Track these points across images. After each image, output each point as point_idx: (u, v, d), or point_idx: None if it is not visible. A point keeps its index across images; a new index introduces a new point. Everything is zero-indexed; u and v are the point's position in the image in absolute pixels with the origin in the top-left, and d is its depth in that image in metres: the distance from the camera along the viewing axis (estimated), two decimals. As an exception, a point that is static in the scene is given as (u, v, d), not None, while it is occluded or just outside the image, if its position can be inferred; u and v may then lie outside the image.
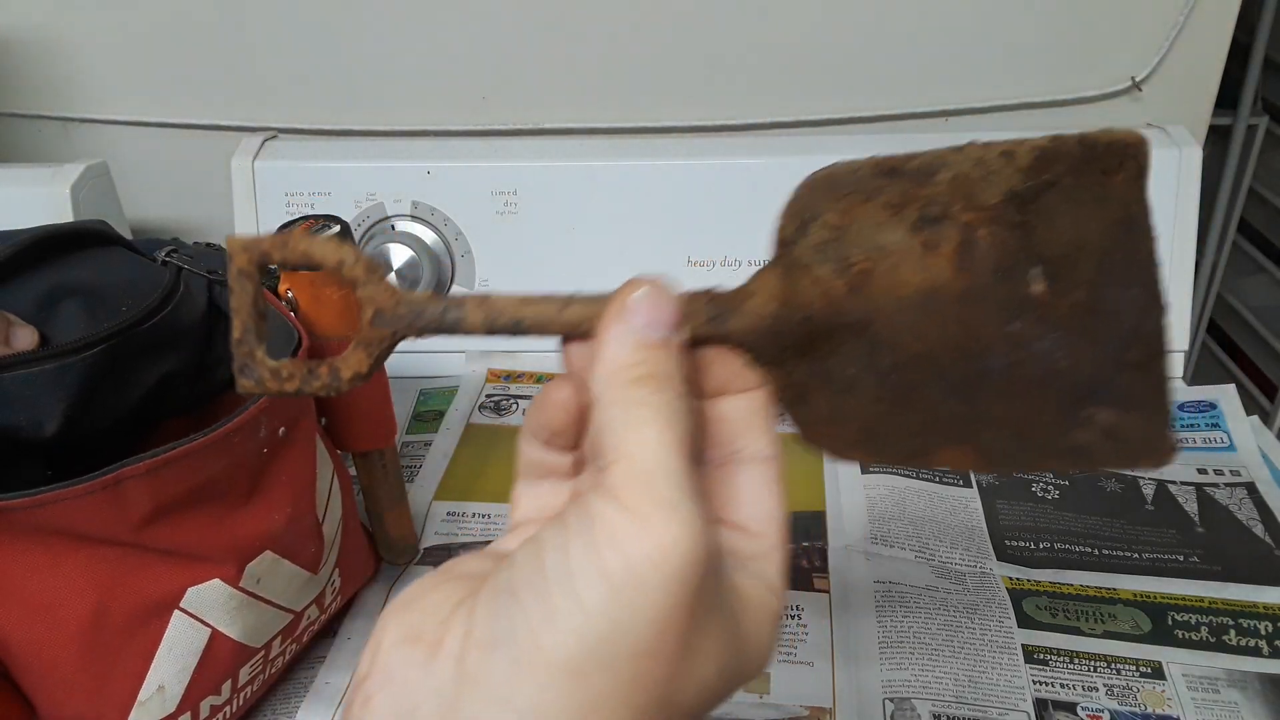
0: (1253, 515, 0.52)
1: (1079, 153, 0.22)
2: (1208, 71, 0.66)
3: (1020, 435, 0.23)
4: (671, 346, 0.22)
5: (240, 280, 0.23)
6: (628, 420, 0.20)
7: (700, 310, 0.23)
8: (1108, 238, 0.22)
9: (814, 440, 0.24)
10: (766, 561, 0.23)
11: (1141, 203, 0.23)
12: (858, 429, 0.24)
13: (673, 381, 0.21)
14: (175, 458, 0.34)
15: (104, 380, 0.37)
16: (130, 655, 0.36)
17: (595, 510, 0.19)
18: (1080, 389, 0.23)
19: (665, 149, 0.64)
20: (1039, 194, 0.22)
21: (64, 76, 0.69)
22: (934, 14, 0.65)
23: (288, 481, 0.39)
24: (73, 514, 0.33)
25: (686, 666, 0.19)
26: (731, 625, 0.21)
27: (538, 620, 0.19)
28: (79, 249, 0.40)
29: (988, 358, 0.23)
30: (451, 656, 0.19)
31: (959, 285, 0.23)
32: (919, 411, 0.23)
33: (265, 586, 0.38)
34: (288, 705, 0.43)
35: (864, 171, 0.24)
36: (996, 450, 0.23)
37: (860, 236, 0.23)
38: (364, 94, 0.69)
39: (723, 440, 0.23)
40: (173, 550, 0.36)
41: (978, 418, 0.23)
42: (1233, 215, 0.88)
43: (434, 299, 0.23)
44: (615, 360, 0.21)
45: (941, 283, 0.23)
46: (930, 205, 0.23)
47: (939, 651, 0.44)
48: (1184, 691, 0.42)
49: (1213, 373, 0.96)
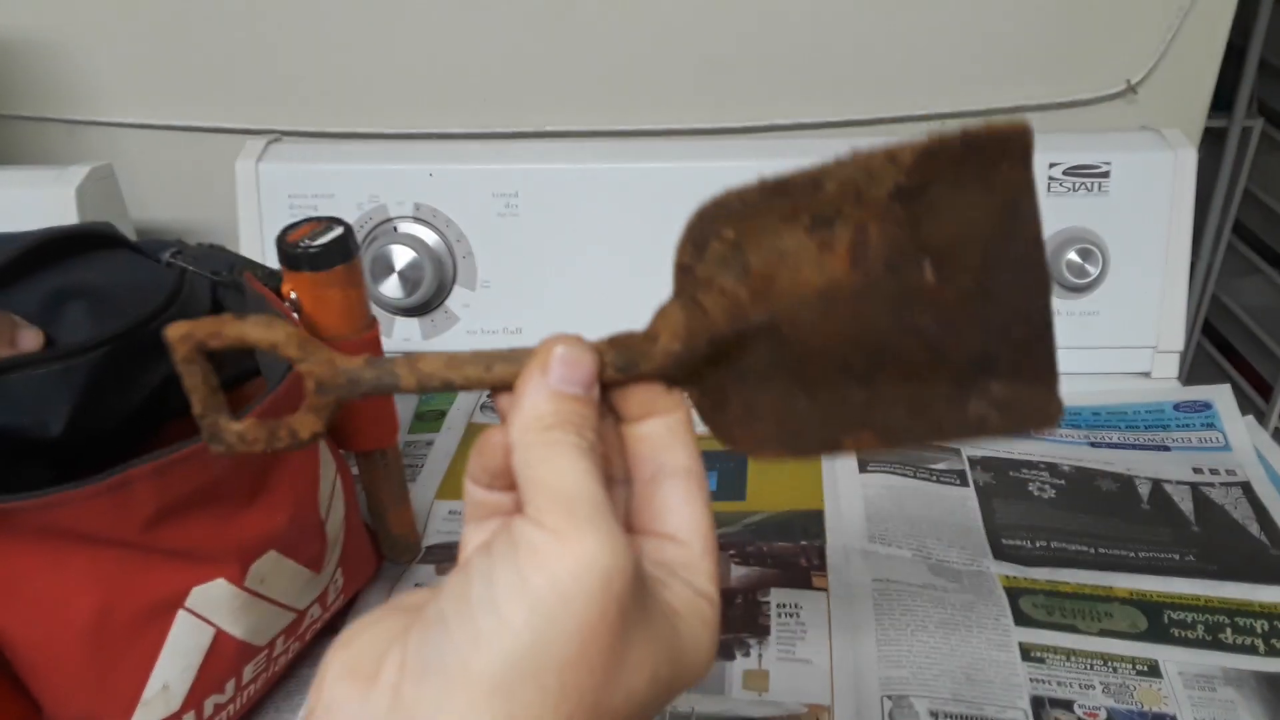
0: (1248, 514, 0.52)
1: (961, 147, 0.23)
2: (1203, 74, 0.66)
3: (917, 412, 0.25)
4: (584, 400, 0.24)
5: (187, 366, 0.25)
6: (544, 456, 0.22)
7: (610, 361, 0.25)
8: (993, 225, 0.24)
9: (734, 443, 0.26)
10: (696, 570, 0.24)
11: (1027, 188, 0.24)
12: (774, 426, 0.25)
13: (585, 425, 0.23)
14: (181, 459, 0.34)
15: (109, 381, 0.37)
16: (135, 654, 0.36)
17: (517, 534, 0.21)
18: (972, 366, 0.24)
19: (666, 151, 0.64)
20: (925, 189, 0.23)
21: (69, 79, 0.69)
22: (930, 17, 0.65)
23: (291, 481, 0.39)
24: (78, 515, 0.33)
25: (614, 675, 0.20)
26: (665, 633, 0.22)
27: (465, 644, 0.20)
28: (84, 251, 0.40)
29: (884, 346, 0.24)
30: (388, 687, 0.20)
31: (854, 280, 0.24)
32: (825, 403, 0.25)
33: (269, 586, 0.39)
34: (290, 702, 0.43)
35: (752, 193, 0.25)
36: (896, 429, 0.25)
37: (758, 245, 0.24)
38: (367, 97, 0.69)
39: (647, 457, 0.25)
40: (178, 550, 0.36)
41: (876, 401, 0.25)
42: (1228, 217, 0.89)
43: (369, 366, 0.25)
44: (533, 410, 0.23)
45: (838, 279, 0.24)
46: (823, 208, 0.24)
47: (937, 649, 0.44)
48: (1180, 689, 0.42)
49: (1208, 373, 0.97)
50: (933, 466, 0.55)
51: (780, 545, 0.50)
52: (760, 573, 0.49)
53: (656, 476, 0.25)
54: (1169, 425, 0.59)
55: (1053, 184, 0.61)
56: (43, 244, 0.39)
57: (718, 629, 0.24)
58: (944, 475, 0.54)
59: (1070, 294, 0.62)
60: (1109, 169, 0.61)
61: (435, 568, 0.50)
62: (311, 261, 0.40)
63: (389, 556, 0.49)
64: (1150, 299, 0.62)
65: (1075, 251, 0.61)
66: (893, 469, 0.55)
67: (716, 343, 0.25)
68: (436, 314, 0.64)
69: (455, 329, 0.64)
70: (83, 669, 0.35)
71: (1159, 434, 0.58)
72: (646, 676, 0.21)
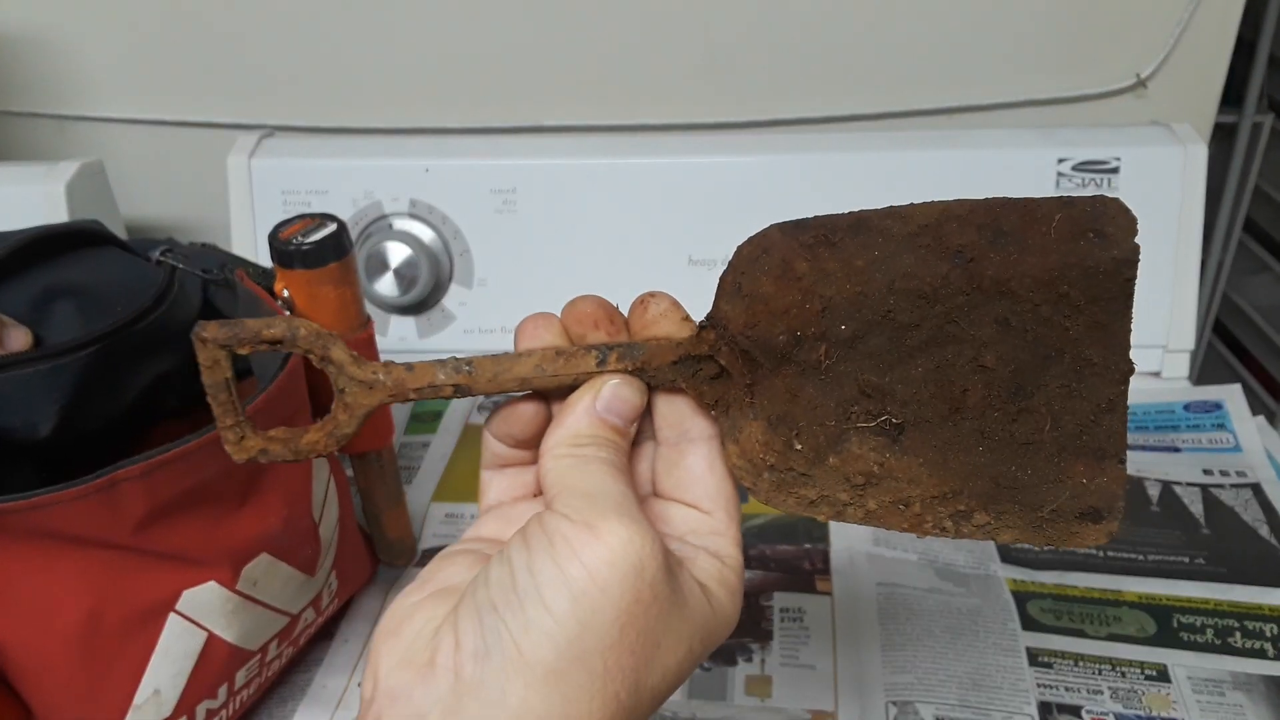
0: (1258, 516, 0.51)
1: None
2: (1213, 69, 0.65)
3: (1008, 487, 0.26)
4: (622, 430, 0.26)
5: (213, 369, 0.25)
6: (574, 465, 0.25)
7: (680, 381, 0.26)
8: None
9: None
10: (722, 537, 0.26)
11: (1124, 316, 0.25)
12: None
13: (617, 451, 0.25)
14: (170, 459, 0.33)
15: (98, 381, 0.37)
16: (125, 659, 0.35)
17: (551, 528, 0.23)
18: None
19: (664, 147, 0.63)
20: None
21: (59, 74, 0.69)
22: (937, 11, 0.64)
23: (283, 483, 0.39)
24: (67, 516, 0.33)
25: (653, 654, 0.23)
26: (695, 609, 0.24)
27: (517, 630, 0.22)
28: (72, 249, 0.40)
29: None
30: (448, 670, 0.22)
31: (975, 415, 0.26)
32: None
33: (262, 589, 0.38)
34: (284, 709, 0.43)
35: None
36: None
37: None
38: (361, 91, 0.68)
39: (673, 422, 0.27)
40: (168, 553, 0.35)
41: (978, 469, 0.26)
42: (1238, 214, 0.88)
43: (439, 367, 0.26)
44: (573, 427, 0.25)
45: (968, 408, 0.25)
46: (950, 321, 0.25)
47: (943, 654, 0.43)
48: (1189, 694, 0.42)
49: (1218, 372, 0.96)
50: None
51: (783, 548, 0.49)
52: (763, 576, 0.48)
53: (680, 442, 0.27)
54: (1179, 426, 0.58)
55: (1061, 179, 0.60)
56: (32, 243, 0.38)
57: (742, 590, 0.26)
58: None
59: (1077, 292, 0.61)
60: (1118, 164, 0.60)
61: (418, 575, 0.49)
62: (304, 259, 0.39)
63: (384, 559, 0.49)
64: (1160, 297, 0.61)
65: (1083, 248, 0.60)
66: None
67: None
68: (432, 312, 0.63)
69: (451, 327, 0.63)
70: (73, 674, 0.35)
71: (1169, 435, 0.57)
72: (682, 652, 0.23)
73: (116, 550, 0.34)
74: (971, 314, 0.25)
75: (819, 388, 0.25)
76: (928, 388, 0.25)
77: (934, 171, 0.60)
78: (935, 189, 0.64)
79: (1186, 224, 0.60)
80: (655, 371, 0.26)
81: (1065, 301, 0.24)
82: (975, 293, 0.25)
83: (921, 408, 0.25)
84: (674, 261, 0.62)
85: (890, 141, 0.62)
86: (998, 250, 0.24)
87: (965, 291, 0.25)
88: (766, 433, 0.26)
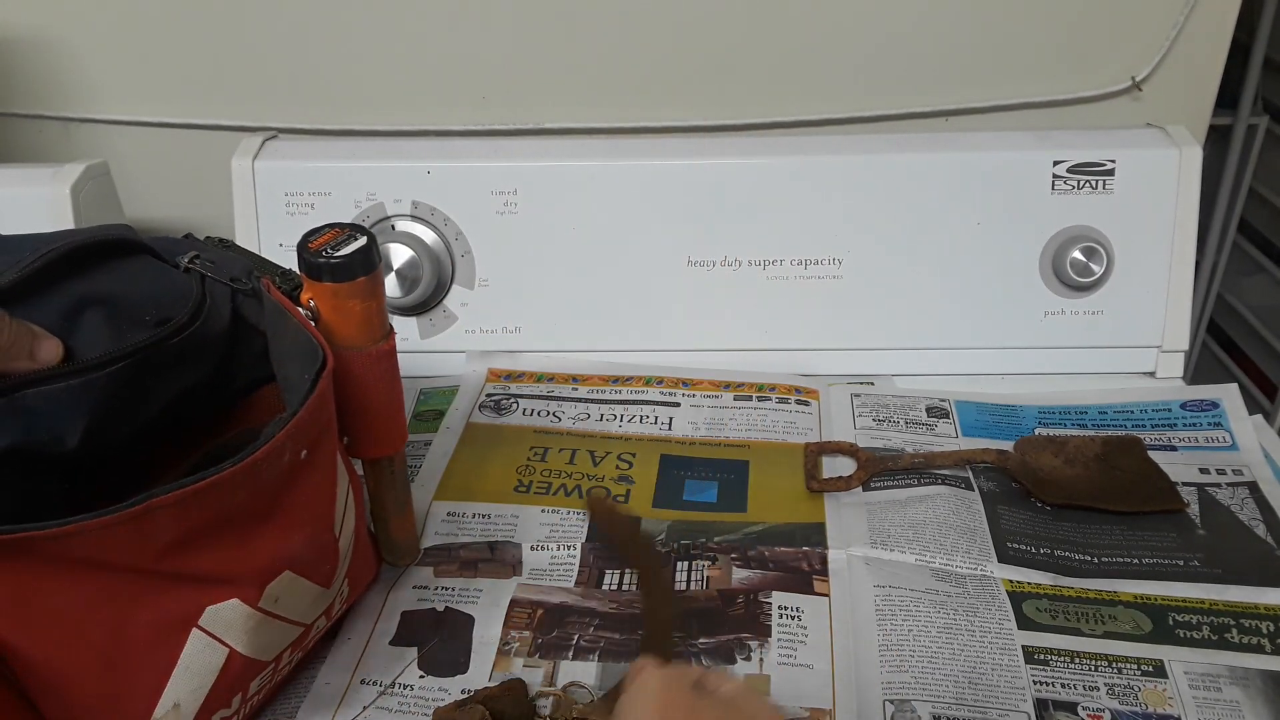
0: (1255, 515, 0.51)
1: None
2: (1208, 71, 0.66)
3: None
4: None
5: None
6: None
7: None
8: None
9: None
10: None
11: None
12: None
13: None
14: (204, 489, 0.33)
15: (127, 394, 0.36)
16: (147, 673, 0.35)
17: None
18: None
19: (665, 149, 0.63)
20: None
21: (64, 76, 0.69)
22: (934, 14, 0.65)
23: (307, 502, 0.38)
24: (97, 544, 0.32)
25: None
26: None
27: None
28: (102, 257, 0.39)
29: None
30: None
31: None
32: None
33: (283, 605, 0.38)
34: (288, 706, 0.43)
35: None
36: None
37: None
38: (364, 94, 0.69)
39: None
40: (194, 575, 0.35)
41: None
42: (1233, 215, 0.89)
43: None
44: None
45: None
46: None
47: (939, 653, 0.44)
48: (1185, 690, 0.42)
49: (1213, 372, 0.96)
50: (937, 471, 0.55)
51: (782, 550, 0.50)
52: (762, 575, 0.48)
53: None
54: (1176, 424, 0.58)
55: (1057, 182, 0.61)
56: (66, 255, 0.37)
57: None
58: (948, 479, 0.54)
59: (1074, 293, 0.61)
60: (1114, 167, 0.60)
61: (433, 570, 0.49)
62: (333, 272, 0.39)
63: (388, 559, 0.49)
64: (1155, 298, 0.61)
65: (1079, 250, 0.60)
66: (896, 481, 0.54)
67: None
68: (435, 313, 0.64)
69: (454, 328, 0.64)
70: (95, 689, 0.34)
71: (1166, 433, 0.58)
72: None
73: (142, 574, 0.34)
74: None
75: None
76: None
77: (931, 174, 0.61)
78: (932, 191, 0.65)
79: (1181, 225, 0.61)
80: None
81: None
82: None
83: None
84: (673, 262, 0.62)
85: (887, 144, 0.63)
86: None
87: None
88: None
